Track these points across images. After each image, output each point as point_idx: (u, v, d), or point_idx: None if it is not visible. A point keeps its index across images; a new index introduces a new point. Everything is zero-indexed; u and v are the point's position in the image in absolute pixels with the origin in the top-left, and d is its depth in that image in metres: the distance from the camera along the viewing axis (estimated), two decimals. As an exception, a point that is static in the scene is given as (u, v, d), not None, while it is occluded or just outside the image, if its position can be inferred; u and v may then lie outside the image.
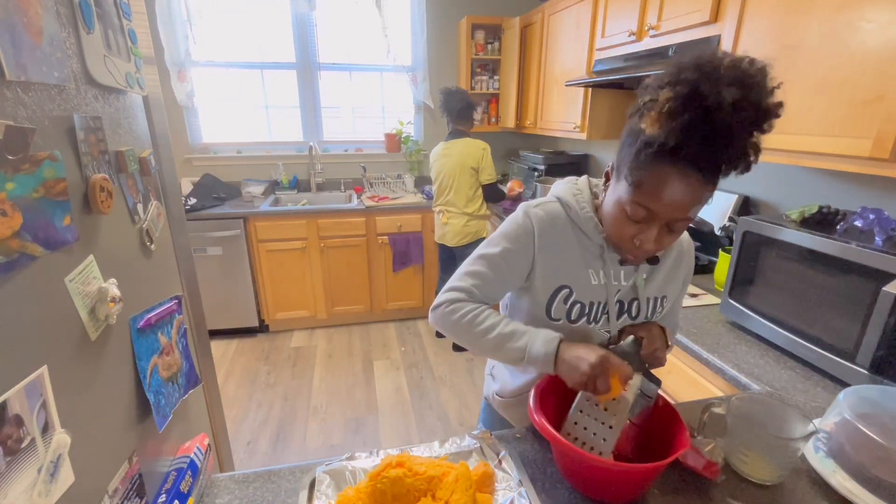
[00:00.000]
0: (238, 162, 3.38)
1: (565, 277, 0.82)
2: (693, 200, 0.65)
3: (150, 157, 0.80)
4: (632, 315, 0.86)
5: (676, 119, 0.60)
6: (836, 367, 1.03)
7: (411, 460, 0.71)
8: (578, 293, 0.82)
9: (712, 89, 0.57)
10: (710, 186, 0.65)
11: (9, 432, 0.42)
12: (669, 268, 0.88)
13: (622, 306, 0.85)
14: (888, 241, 1.00)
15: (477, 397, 2.54)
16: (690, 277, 0.93)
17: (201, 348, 1.23)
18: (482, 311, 0.82)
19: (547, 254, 0.82)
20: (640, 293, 0.84)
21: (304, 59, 3.31)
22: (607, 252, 0.81)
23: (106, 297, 0.58)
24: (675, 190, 0.64)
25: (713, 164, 0.62)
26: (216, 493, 0.76)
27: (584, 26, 2.26)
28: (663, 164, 0.63)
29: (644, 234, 0.70)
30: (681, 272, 0.90)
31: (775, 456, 0.74)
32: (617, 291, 0.84)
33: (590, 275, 0.82)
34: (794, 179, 1.61)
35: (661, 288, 0.87)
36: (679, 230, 0.70)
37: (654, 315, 0.88)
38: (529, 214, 0.82)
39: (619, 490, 0.72)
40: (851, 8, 1.05)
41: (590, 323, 0.84)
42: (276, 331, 3.25)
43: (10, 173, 0.44)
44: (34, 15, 0.49)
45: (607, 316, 0.84)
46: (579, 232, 0.82)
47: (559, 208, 0.83)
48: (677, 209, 0.66)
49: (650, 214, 0.68)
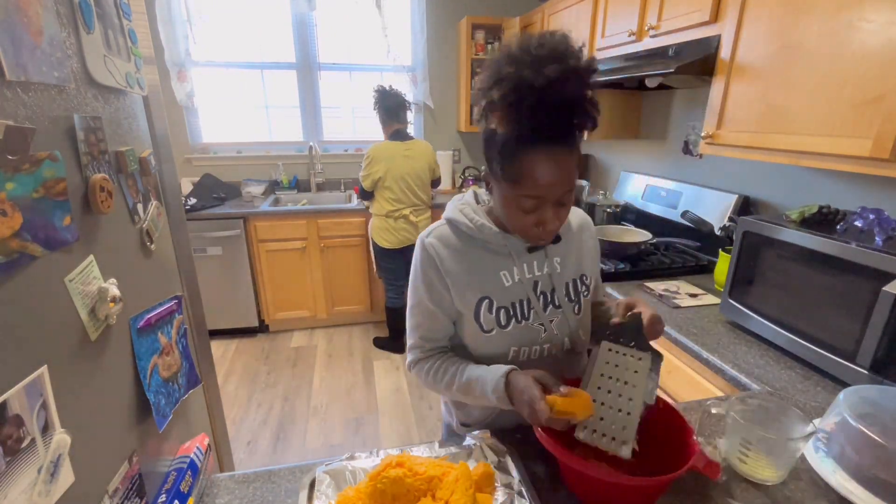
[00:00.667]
0: (238, 162, 3.38)
1: (480, 289, 0.83)
2: (567, 172, 0.71)
3: (150, 157, 0.80)
4: (556, 304, 0.87)
5: (518, 110, 0.65)
6: (836, 367, 1.03)
7: (411, 460, 0.71)
8: (498, 299, 0.83)
9: (534, 72, 0.63)
10: (574, 152, 0.71)
11: (9, 432, 0.42)
12: (577, 244, 0.91)
13: (546, 297, 0.86)
14: (888, 241, 1.00)
15: (477, 397, 2.54)
16: (598, 246, 0.97)
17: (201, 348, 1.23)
18: (438, 365, 0.87)
19: (454, 274, 0.83)
20: (555, 280, 0.86)
21: (304, 59, 3.31)
22: (511, 247, 0.83)
23: (106, 297, 0.58)
24: (548, 170, 0.69)
25: (568, 133, 0.68)
26: (216, 493, 0.76)
27: (584, 26, 2.26)
28: (528, 153, 0.68)
29: (541, 217, 0.74)
30: (590, 245, 0.93)
31: (775, 456, 0.74)
32: (536, 284, 0.85)
33: (502, 277, 0.84)
34: (794, 179, 1.61)
35: (577, 267, 0.90)
36: (569, 201, 0.76)
37: (580, 296, 0.89)
38: (425, 245, 0.85)
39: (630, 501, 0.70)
40: (851, 8, 1.05)
41: (520, 322, 0.85)
42: (276, 331, 3.25)
43: (10, 173, 0.44)
44: (34, 15, 0.49)
45: (534, 310, 0.85)
46: (477, 241, 0.84)
47: (448, 229, 0.86)
48: (558, 185, 0.71)
49: (539, 201, 0.72)
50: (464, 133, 3.69)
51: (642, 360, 0.74)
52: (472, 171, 3.74)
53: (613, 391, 0.74)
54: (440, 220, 0.88)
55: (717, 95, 1.45)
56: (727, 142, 1.43)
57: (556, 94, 0.64)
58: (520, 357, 0.88)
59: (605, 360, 0.77)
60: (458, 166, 3.76)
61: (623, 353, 0.76)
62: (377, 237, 2.71)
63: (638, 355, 0.75)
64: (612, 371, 0.76)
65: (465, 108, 3.43)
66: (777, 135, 1.25)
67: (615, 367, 0.76)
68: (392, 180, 2.57)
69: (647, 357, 0.74)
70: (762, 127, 1.30)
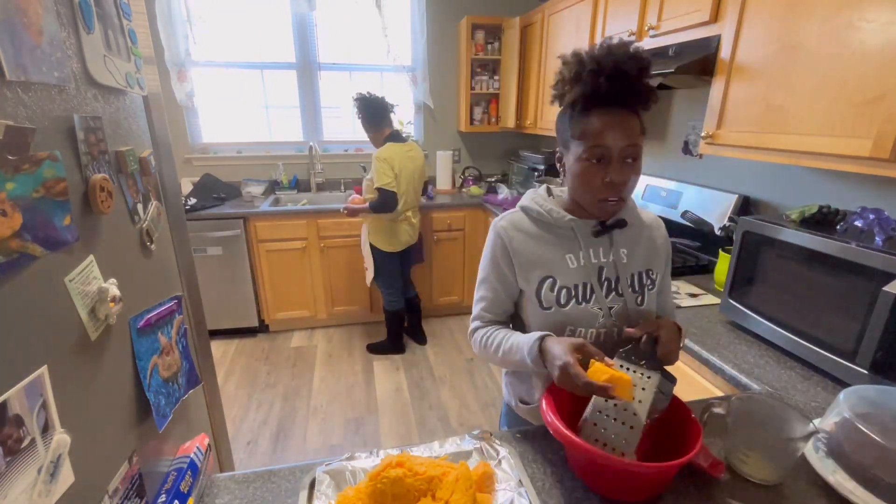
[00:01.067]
0: (238, 162, 3.38)
1: (545, 269, 0.90)
2: (628, 128, 0.79)
3: (150, 157, 0.80)
4: (619, 292, 0.90)
5: (580, 79, 0.79)
6: (836, 367, 1.03)
7: (411, 460, 0.71)
8: (562, 279, 0.89)
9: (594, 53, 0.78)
10: (633, 116, 0.80)
11: (9, 432, 0.42)
12: (646, 239, 0.94)
13: (609, 284, 0.90)
14: (888, 241, 1.00)
15: (477, 397, 2.55)
16: (670, 253, 0.99)
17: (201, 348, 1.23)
18: (490, 333, 0.93)
19: (521, 254, 0.91)
20: (620, 269, 0.90)
21: (304, 59, 3.31)
22: (578, 231, 0.89)
23: (106, 297, 0.58)
24: (610, 122, 0.79)
25: (622, 98, 0.79)
26: (216, 493, 0.76)
27: (584, 26, 2.26)
28: (592, 110, 0.80)
29: (608, 170, 0.81)
30: (660, 244, 0.96)
31: (775, 456, 0.74)
32: (600, 269, 0.90)
33: (567, 260, 0.90)
34: (794, 179, 1.61)
35: (644, 261, 0.93)
36: (633, 157, 0.81)
37: (645, 289, 0.92)
38: (496, 229, 0.94)
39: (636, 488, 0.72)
40: (851, 8, 1.05)
41: (579, 304, 0.89)
42: (276, 331, 3.25)
43: (10, 173, 0.44)
44: (34, 15, 0.49)
45: (595, 294, 0.89)
46: (547, 224, 0.91)
47: (521, 214, 0.94)
48: (621, 137, 0.79)
49: (606, 150, 0.80)
50: (464, 133, 3.69)
51: (650, 379, 0.76)
52: (472, 171, 3.74)
53: (619, 405, 0.76)
54: (514, 209, 0.97)
55: (717, 95, 1.45)
56: (727, 142, 1.43)
57: (608, 65, 0.76)
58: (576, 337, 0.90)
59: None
60: (458, 166, 3.76)
61: (633, 370, 0.78)
62: (378, 242, 2.66)
63: (647, 374, 0.77)
64: None
65: (465, 108, 3.43)
66: (777, 135, 1.25)
67: None
68: (403, 183, 2.54)
69: (656, 376, 0.76)
70: (762, 127, 1.30)
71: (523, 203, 0.95)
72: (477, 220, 3.29)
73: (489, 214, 3.18)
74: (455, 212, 3.23)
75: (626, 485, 0.73)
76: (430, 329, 3.31)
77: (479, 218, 3.29)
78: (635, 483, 0.72)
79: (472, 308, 1.00)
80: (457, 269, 3.38)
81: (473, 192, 3.48)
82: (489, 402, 2.50)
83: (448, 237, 3.27)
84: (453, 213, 3.23)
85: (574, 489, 0.75)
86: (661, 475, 0.71)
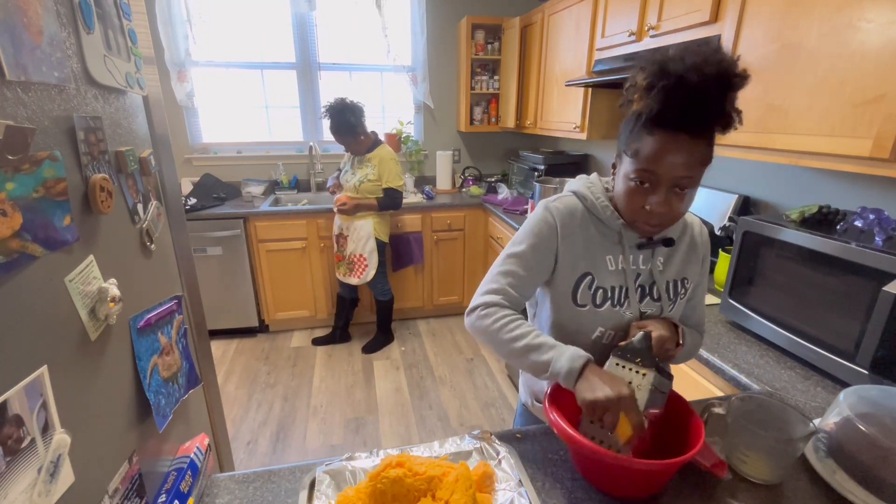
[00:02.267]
0: (238, 162, 3.38)
1: (587, 265, 0.87)
2: (687, 158, 0.72)
3: (150, 157, 0.80)
4: (654, 297, 0.89)
5: (654, 90, 0.70)
6: (836, 367, 1.03)
7: (411, 460, 0.71)
8: (600, 279, 0.87)
9: (677, 64, 0.69)
10: (699, 144, 0.72)
11: (9, 432, 0.42)
12: (685, 251, 0.92)
13: (643, 290, 0.89)
14: (888, 241, 1.00)
15: (477, 397, 2.54)
16: (708, 261, 0.96)
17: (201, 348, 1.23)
18: (514, 319, 0.85)
19: (569, 244, 0.87)
20: (656, 276, 0.88)
21: (304, 59, 3.31)
22: (625, 237, 0.86)
23: (106, 297, 0.58)
24: (668, 149, 0.72)
25: (694, 122, 0.71)
26: (216, 493, 0.76)
27: (584, 26, 2.26)
28: (654, 130, 0.73)
29: (652, 197, 0.76)
30: (697, 254, 0.93)
31: (775, 456, 0.74)
32: (637, 276, 0.88)
33: (607, 261, 0.87)
34: (794, 179, 1.61)
35: (679, 270, 0.91)
36: (685, 187, 0.75)
37: (678, 297, 0.91)
38: (549, 209, 0.88)
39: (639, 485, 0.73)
40: (851, 8, 1.05)
41: (614, 306, 0.87)
42: (276, 331, 3.25)
43: (10, 173, 0.44)
44: (34, 15, 0.49)
45: (629, 300, 0.88)
46: (596, 220, 0.88)
47: (576, 201, 0.89)
48: (675, 167, 0.73)
49: (654, 177, 0.75)
50: (464, 133, 3.69)
51: (645, 377, 0.76)
52: (472, 171, 3.74)
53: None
54: (565, 191, 0.93)
55: (717, 95, 1.45)
56: (727, 142, 1.42)
57: (689, 83, 0.67)
58: (603, 339, 0.90)
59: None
60: (459, 166, 3.76)
61: (629, 368, 0.78)
62: (383, 235, 2.80)
63: (642, 371, 0.76)
64: None
65: (465, 108, 3.43)
66: (777, 135, 1.25)
67: None
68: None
69: (651, 374, 0.76)
70: (762, 127, 1.30)
71: (576, 188, 0.90)
72: (477, 220, 3.29)
73: (489, 214, 3.18)
74: (455, 212, 3.23)
75: (628, 482, 0.73)
76: (430, 329, 3.32)
77: (478, 218, 3.29)
78: (637, 480, 0.72)
79: (490, 281, 0.90)
80: (457, 269, 3.38)
81: (473, 192, 3.48)
82: (489, 402, 2.50)
83: (448, 237, 3.27)
84: (453, 213, 3.23)
85: (574, 489, 0.75)
86: (663, 472, 0.71)
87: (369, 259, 2.79)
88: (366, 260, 2.79)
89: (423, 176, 3.68)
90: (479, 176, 3.75)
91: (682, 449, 0.70)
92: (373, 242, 2.76)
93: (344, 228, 2.76)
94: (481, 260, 3.38)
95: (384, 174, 2.67)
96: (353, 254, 2.77)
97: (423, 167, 3.69)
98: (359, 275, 2.80)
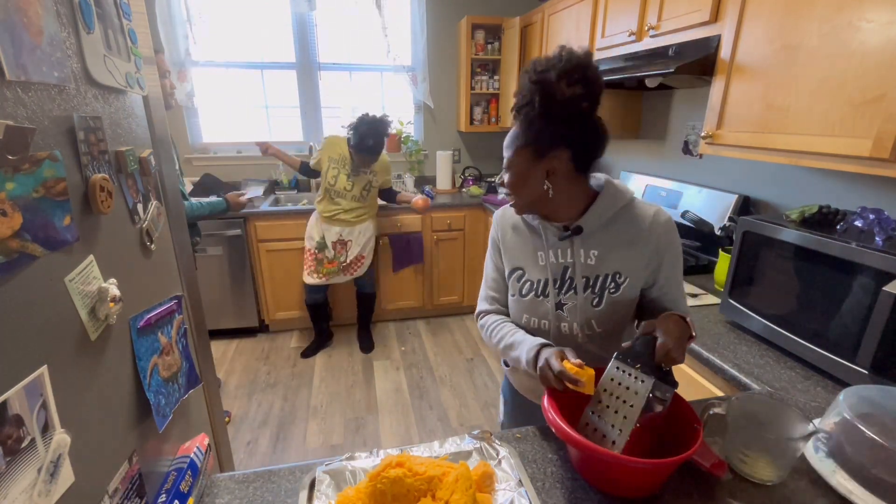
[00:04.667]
0: (238, 162, 3.38)
1: (519, 261, 1.01)
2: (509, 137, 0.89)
3: (150, 157, 0.80)
4: (577, 290, 0.94)
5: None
6: (836, 367, 1.03)
7: (411, 460, 0.71)
8: (529, 272, 0.99)
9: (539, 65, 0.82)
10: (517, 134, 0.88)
11: (9, 432, 0.42)
12: (625, 243, 0.92)
13: (571, 281, 0.95)
14: (888, 241, 1.00)
15: (477, 397, 2.55)
16: (670, 254, 0.92)
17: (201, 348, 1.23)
18: (497, 322, 1.03)
19: (504, 243, 1.04)
20: (581, 269, 0.93)
21: (304, 59, 3.31)
22: (546, 233, 0.95)
23: (106, 297, 0.58)
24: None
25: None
26: (216, 493, 0.76)
27: (584, 26, 2.26)
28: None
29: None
30: (644, 250, 0.91)
31: (775, 456, 0.74)
32: (565, 269, 0.95)
33: (538, 257, 0.97)
34: (794, 179, 1.61)
35: (613, 264, 0.92)
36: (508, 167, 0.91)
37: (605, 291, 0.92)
38: (494, 216, 1.07)
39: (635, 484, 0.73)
40: (851, 8, 1.05)
41: (537, 297, 0.97)
42: (276, 331, 3.25)
43: (10, 173, 0.44)
44: (34, 15, 0.49)
45: (550, 291, 0.96)
46: (527, 223, 1.00)
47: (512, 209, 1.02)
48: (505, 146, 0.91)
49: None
50: (464, 133, 3.69)
51: (644, 383, 0.75)
52: (472, 171, 3.74)
53: (611, 406, 0.76)
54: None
55: (717, 95, 1.45)
56: (727, 142, 1.43)
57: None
58: (531, 325, 1.00)
59: (610, 377, 0.79)
60: (459, 166, 3.76)
61: (629, 373, 0.77)
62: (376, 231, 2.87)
63: (641, 378, 0.75)
64: (614, 388, 0.78)
65: (465, 108, 3.43)
66: (777, 135, 1.25)
67: (618, 384, 0.78)
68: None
69: (650, 381, 0.74)
70: (762, 127, 1.30)
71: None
72: (477, 220, 3.29)
73: (489, 214, 3.18)
74: (455, 212, 3.23)
75: (624, 480, 0.73)
76: (430, 329, 3.32)
77: (478, 218, 3.28)
78: (633, 479, 0.73)
79: (482, 288, 1.10)
80: (457, 269, 3.38)
81: (473, 192, 3.48)
82: (489, 402, 2.50)
83: (448, 237, 3.27)
84: (453, 212, 3.23)
85: (574, 489, 0.75)
86: (658, 471, 0.71)
87: (368, 257, 2.80)
88: (364, 258, 2.80)
89: (423, 176, 3.68)
90: (480, 176, 3.75)
91: (681, 449, 0.70)
92: (373, 241, 2.81)
93: (345, 234, 2.72)
94: (481, 260, 3.37)
95: (385, 177, 2.73)
96: (355, 256, 2.77)
97: (423, 167, 3.69)
98: (352, 273, 2.80)
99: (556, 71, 0.79)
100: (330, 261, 2.75)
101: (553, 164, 0.85)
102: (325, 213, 2.69)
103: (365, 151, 2.50)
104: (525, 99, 0.83)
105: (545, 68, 0.80)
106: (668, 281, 0.94)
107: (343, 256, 2.75)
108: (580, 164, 0.87)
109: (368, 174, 2.67)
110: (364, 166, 2.63)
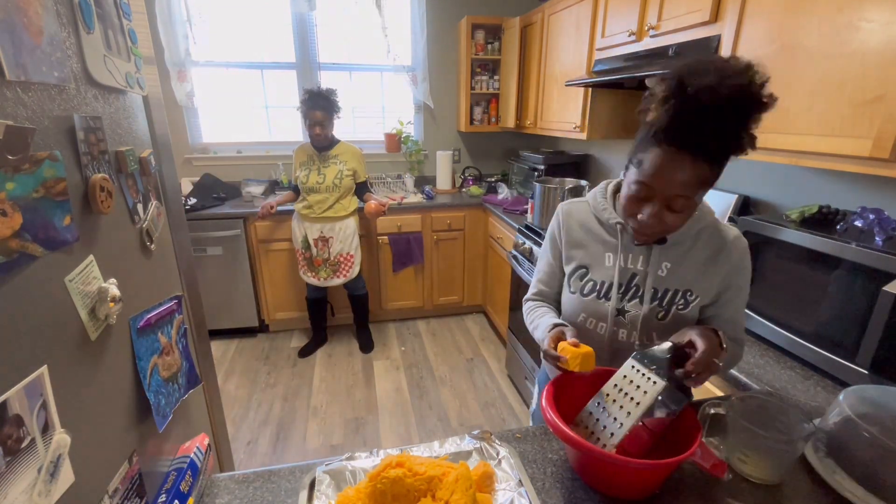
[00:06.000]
0: (238, 162, 3.38)
1: (584, 258, 0.97)
2: (686, 178, 0.72)
3: (150, 157, 0.80)
4: (642, 300, 0.90)
5: (667, 104, 0.70)
6: (836, 367, 1.03)
7: (411, 460, 0.71)
8: (594, 273, 0.95)
9: (694, 80, 0.67)
10: (702, 166, 0.71)
11: (9, 432, 0.42)
12: (701, 262, 0.88)
13: (637, 289, 0.91)
14: (888, 241, 1.00)
15: (477, 397, 2.54)
16: (741, 279, 0.90)
17: (201, 348, 1.23)
18: (534, 308, 1.04)
19: (569, 239, 0.99)
20: (653, 279, 0.89)
21: (304, 59, 3.31)
22: (623, 236, 0.91)
23: (106, 297, 0.58)
24: (666, 166, 0.73)
25: (699, 142, 0.70)
26: (216, 493, 0.76)
27: (584, 26, 2.26)
28: (659, 145, 0.73)
29: (645, 208, 0.78)
30: (718, 269, 0.88)
31: (775, 456, 0.74)
32: (633, 276, 0.91)
33: (606, 257, 0.94)
34: (794, 179, 1.61)
35: (685, 281, 0.89)
36: (679, 208, 0.76)
37: (673, 307, 0.88)
38: (557, 210, 1.03)
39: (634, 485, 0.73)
40: (852, 8, 1.05)
41: (599, 298, 0.94)
42: (276, 331, 3.25)
43: (10, 173, 0.44)
44: (34, 15, 0.49)
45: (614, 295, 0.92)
46: (598, 221, 0.95)
47: (585, 204, 0.99)
48: (671, 185, 0.74)
49: (648, 190, 0.77)
50: (464, 133, 3.69)
51: (655, 385, 0.74)
52: (472, 171, 3.74)
53: (618, 401, 0.77)
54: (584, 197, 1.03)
55: (717, 95, 1.45)
56: (727, 142, 1.42)
57: (700, 103, 0.67)
58: (586, 326, 0.97)
59: (623, 374, 0.79)
60: (458, 166, 3.76)
61: (642, 373, 0.77)
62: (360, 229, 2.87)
63: (653, 379, 0.75)
64: (625, 385, 0.78)
65: (465, 108, 3.43)
66: (777, 135, 1.25)
67: (629, 382, 0.78)
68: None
69: (661, 384, 0.74)
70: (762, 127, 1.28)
71: (590, 193, 1.00)
72: (477, 220, 3.29)
73: (489, 214, 3.18)
74: (455, 212, 3.23)
75: (621, 481, 0.73)
76: (430, 329, 3.32)
77: (478, 218, 3.28)
78: (630, 479, 0.72)
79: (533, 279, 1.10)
80: (456, 270, 3.38)
81: (473, 192, 3.48)
82: (489, 402, 2.50)
83: (448, 237, 3.27)
84: (453, 213, 3.23)
85: (574, 489, 0.75)
86: (655, 472, 0.71)
87: (356, 256, 2.79)
88: (353, 257, 2.79)
89: (423, 176, 3.68)
90: (479, 176, 3.75)
91: (681, 450, 0.70)
92: (357, 238, 2.78)
93: (325, 231, 2.71)
94: (481, 260, 3.38)
95: (359, 168, 2.71)
96: (341, 254, 2.75)
97: (423, 167, 3.69)
98: (345, 274, 2.79)
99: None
100: (315, 258, 2.77)
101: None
102: (302, 210, 2.70)
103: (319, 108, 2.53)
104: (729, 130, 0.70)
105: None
106: (728, 303, 0.91)
107: (326, 253, 2.74)
108: None
109: (337, 163, 2.64)
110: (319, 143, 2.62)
